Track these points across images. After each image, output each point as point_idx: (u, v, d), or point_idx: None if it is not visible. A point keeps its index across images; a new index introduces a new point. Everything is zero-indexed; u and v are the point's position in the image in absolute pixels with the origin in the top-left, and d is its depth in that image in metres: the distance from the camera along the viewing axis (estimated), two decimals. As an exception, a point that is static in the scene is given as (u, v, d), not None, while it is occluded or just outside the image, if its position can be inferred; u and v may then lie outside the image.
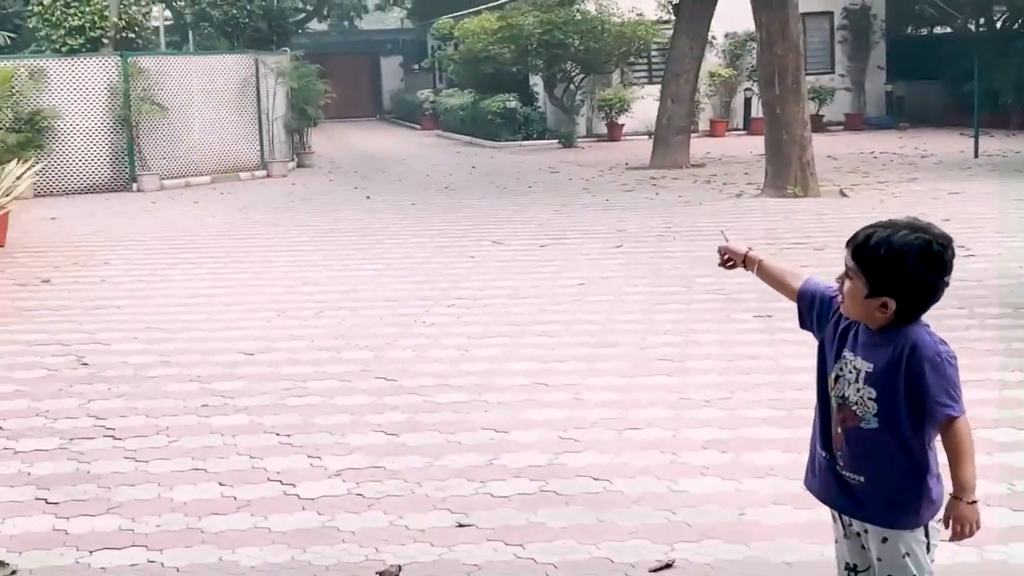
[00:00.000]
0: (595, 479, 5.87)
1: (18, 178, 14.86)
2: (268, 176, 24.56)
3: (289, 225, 16.15)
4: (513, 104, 31.64)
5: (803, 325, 3.68)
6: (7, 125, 21.54)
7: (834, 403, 3.47)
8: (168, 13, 39.78)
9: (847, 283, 3.35)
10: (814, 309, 3.61)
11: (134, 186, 22.49)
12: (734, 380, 7.58)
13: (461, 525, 5.34)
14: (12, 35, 15.64)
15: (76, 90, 22.31)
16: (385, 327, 9.44)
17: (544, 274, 11.60)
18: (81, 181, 22.40)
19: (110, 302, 10.84)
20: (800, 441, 5.05)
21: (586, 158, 26.15)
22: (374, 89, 56.73)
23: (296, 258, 13.11)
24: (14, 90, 21.62)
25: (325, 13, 57.13)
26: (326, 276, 11.88)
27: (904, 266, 3.22)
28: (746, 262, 3.91)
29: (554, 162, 25.50)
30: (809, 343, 3.75)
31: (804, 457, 3.71)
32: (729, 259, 3.97)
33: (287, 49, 27.69)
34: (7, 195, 14.13)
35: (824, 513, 3.69)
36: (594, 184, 20.39)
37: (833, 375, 3.47)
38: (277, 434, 6.71)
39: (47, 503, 5.72)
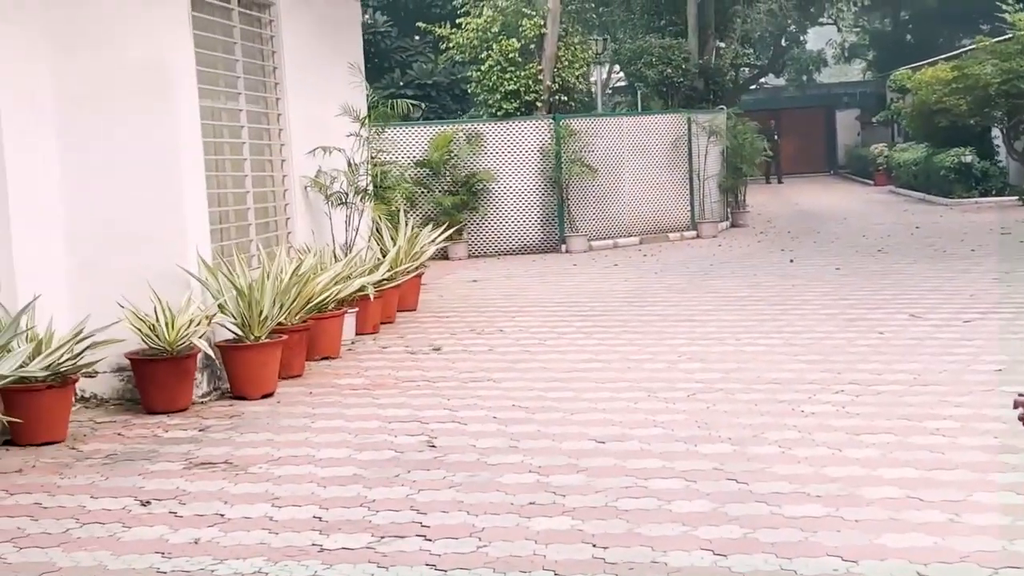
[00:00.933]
0: (945, 636, 4.78)
1: (431, 242, 15.03)
2: (698, 237, 24.06)
3: (697, 291, 15.48)
4: (969, 158, 29.55)
5: None
6: (445, 187, 22.21)
7: None
8: (623, 74, 40.35)
9: None
10: None
11: (563, 247, 22.57)
12: None
13: None
14: (416, 102, 15.97)
15: (509, 153, 22.73)
16: (756, 415, 8.55)
17: (958, 355, 10.28)
18: (513, 242, 22.75)
19: (487, 375, 10.55)
20: None
21: (1047, 217, 23.89)
22: (828, 143, 55.26)
23: (690, 330, 12.40)
24: (452, 153, 22.28)
25: (781, 68, 56.27)
26: (714, 352, 11.08)
27: None
28: None
29: (1009, 222, 23.44)
30: None
31: None
32: None
33: (723, 107, 27.13)
34: (415, 259, 14.28)
35: None
36: (1048, 247, 18.42)
37: None
38: (593, 545, 6.01)
39: (324, 615, 5.31)
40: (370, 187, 13.72)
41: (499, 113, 23.77)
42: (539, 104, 24.16)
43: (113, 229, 9.76)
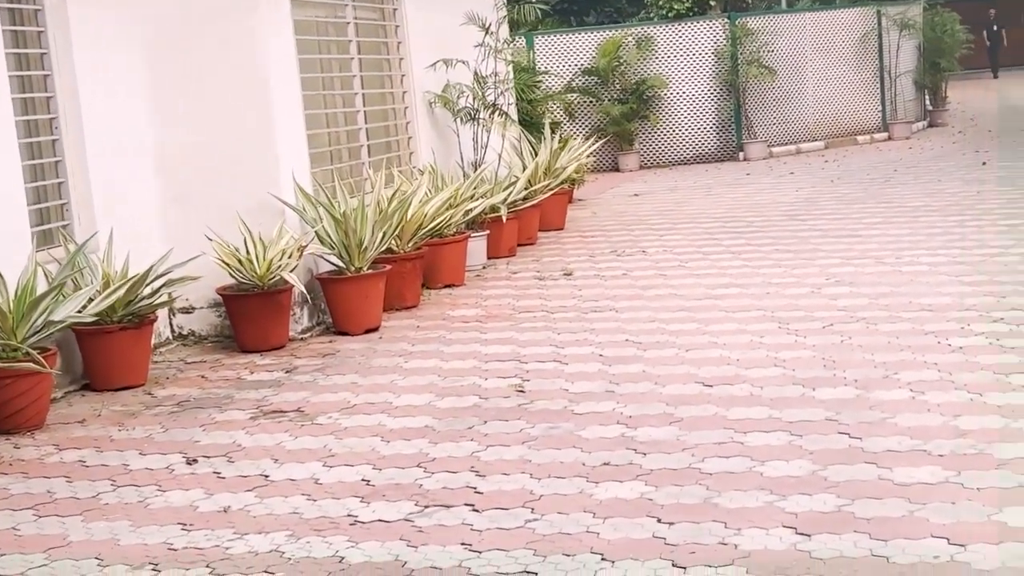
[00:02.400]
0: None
1: (575, 157, 14.14)
2: (889, 139, 22.49)
3: (870, 201, 14.19)
4: None
5: None
6: (614, 96, 21.23)
7: None
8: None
9: None
10: None
11: (740, 155, 21.37)
12: None
13: None
14: (544, 6, 14.76)
15: (681, 56, 21.57)
16: (894, 351, 7.47)
17: None
18: (686, 151, 21.67)
19: (612, 303, 9.69)
20: None
21: None
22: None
23: (848, 247, 11.24)
24: (621, 60, 21.23)
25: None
26: (867, 273, 9.95)
27: None
28: None
29: None
30: None
31: None
32: None
33: (922, -4, 25.14)
34: (556, 175, 13.41)
35: None
36: None
37: None
38: (658, 520, 5.15)
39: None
40: (503, 100, 12.85)
41: (670, 14, 22.47)
42: (713, 3, 22.78)
43: (203, 157, 9.22)
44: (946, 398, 6.45)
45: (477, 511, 5.44)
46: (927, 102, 25.21)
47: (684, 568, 4.65)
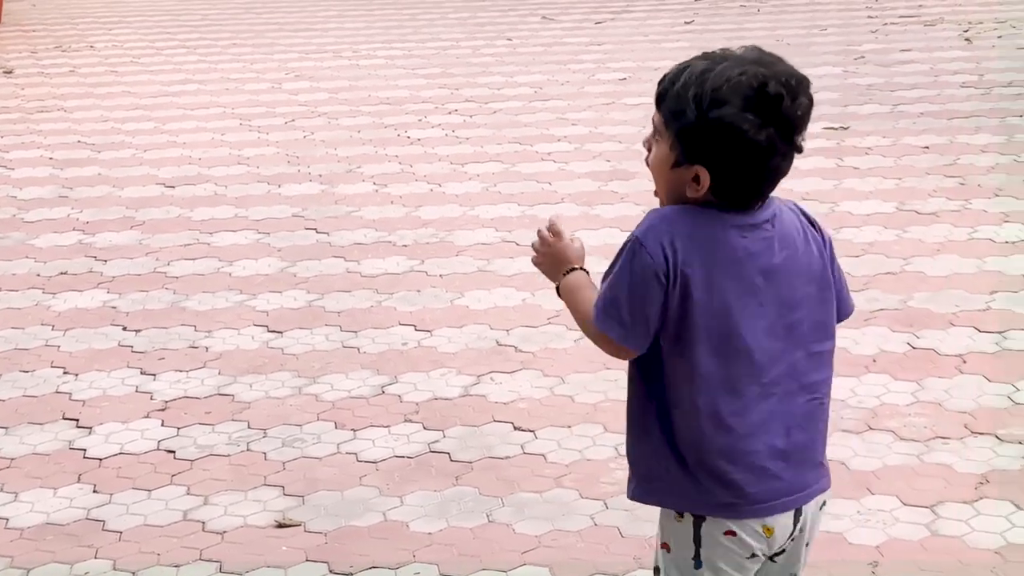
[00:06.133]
0: (515, 427, 4.02)
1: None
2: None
3: (328, -7, 14.08)
4: None
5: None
6: None
7: None
8: None
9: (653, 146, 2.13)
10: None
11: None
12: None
13: None
14: None
15: None
16: (357, 145, 7.53)
17: (584, 63, 9.51)
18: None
19: (59, 103, 9.08)
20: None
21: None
22: None
23: (306, 41, 11.14)
24: None
25: None
26: (326, 67, 9.92)
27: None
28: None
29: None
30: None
31: None
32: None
33: None
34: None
35: None
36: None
37: None
38: (124, 328, 4.94)
39: None
40: None
41: None
42: None
43: None
44: (408, 189, 6.58)
45: (-79, 332, 5.00)
46: None
47: (154, 375, 4.51)
